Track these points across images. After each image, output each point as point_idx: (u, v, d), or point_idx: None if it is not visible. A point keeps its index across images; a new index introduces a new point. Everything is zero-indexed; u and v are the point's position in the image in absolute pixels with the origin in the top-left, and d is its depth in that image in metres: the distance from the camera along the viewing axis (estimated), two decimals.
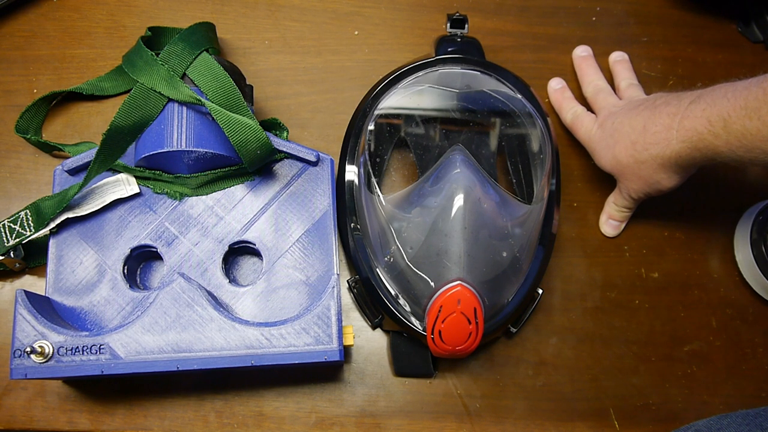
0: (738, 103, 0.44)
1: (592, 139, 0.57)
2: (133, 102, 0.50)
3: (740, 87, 0.45)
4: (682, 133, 0.48)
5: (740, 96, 0.44)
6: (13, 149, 0.58)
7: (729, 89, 0.46)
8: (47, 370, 0.46)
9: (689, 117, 0.48)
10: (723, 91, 0.46)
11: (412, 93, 0.55)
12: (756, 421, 0.44)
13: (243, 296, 0.51)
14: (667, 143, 0.49)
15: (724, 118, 0.45)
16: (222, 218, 0.53)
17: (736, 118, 0.44)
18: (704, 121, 0.46)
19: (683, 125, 0.48)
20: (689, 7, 0.68)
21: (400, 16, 0.65)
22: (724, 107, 0.45)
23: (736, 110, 0.44)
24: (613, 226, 0.60)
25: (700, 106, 0.47)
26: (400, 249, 0.49)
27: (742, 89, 0.45)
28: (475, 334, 0.47)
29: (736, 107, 0.44)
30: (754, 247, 0.58)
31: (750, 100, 0.43)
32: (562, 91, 0.62)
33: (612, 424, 0.56)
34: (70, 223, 0.51)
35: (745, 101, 0.44)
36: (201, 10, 0.63)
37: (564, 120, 0.61)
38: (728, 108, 0.45)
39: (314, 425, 0.54)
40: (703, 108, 0.47)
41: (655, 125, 0.50)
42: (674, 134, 0.49)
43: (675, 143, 0.49)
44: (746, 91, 0.44)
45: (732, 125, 0.45)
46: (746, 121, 0.44)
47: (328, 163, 0.54)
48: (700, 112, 0.47)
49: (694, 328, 0.59)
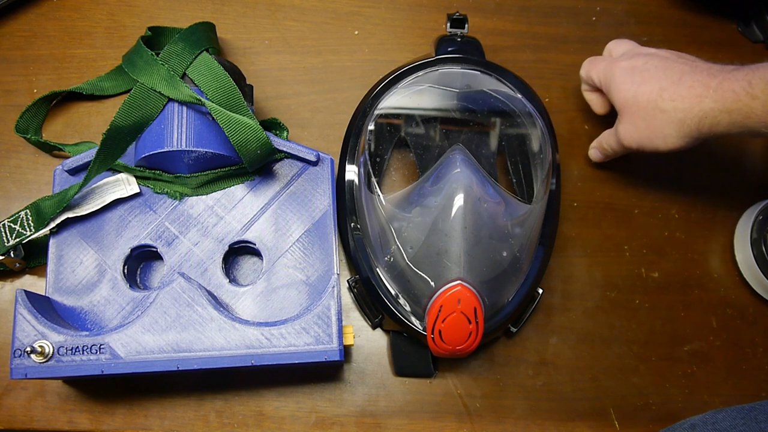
0: None
1: (614, 70, 0.54)
2: (133, 102, 0.50)
3: None
4: (719, 93, 0.48)
5: None
6: (13, 149, 0.58)
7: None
8: (47, 370, 0.46)
9: (730, 79, 0.48)
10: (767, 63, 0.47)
11: (412, 93, 0.55)
12: (751, 415, 0.44)
13: (243, 296, 0.51)
14: (699, 100, 0.49)
15: (767, 80, 0.45)
16: (222, 218, 0.53)
17: None
18: (744, 83, 0.47)
19: (722, 86, 0.48)
20: (689, 7, 0.68)
21: (400, 16, 0.65)
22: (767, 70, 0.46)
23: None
24: (598, 156, 0.60)
25: (743, 71, 0.47)
26: (400, 249, 0.49)
27: None
28: (475, 334, 0.47)
29: None
30: (754, 247, 0.58)
31: None
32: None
33: (612, 424, 0.56)
34: (70, 223, 0.51)
35: None
36: (201, 10, 0.63)
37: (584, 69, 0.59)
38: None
39: (314, 425, 0.54)
40: (746, 72, 0.47)
41: (692, 80, 0.50)
42: (710, 93, 0.48)
43: (707, 102, 0.48)
44: None
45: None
46: None
47: (328, 163, 0.54)
48: (742, 76, 0.47)
49: (694, 328, 0.59)
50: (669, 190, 0.63)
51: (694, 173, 0.63)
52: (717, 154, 0.64)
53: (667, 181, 0.63)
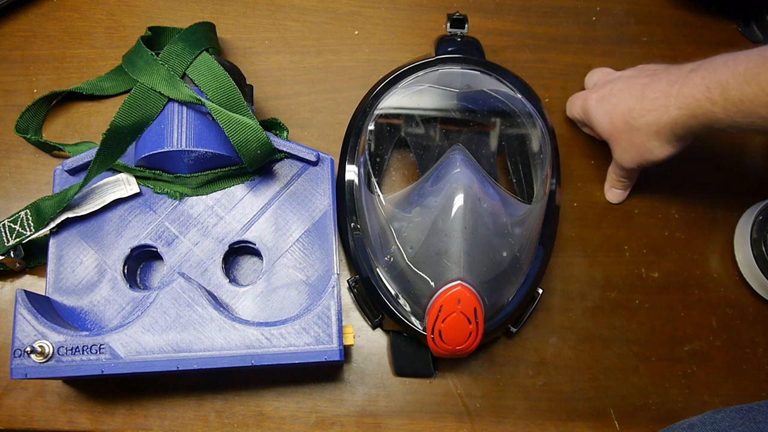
0: (738, 69, 0.45)
1: (588, 104, 0.57)
2: (133, 102, 0.50)
3: (741, 55, 0.45)
4: (680, 100, 0.48)
5: (740, 63, 0.45)
6: (13, 149, 0.58)
7: (729, 57, 0.46)
8: (47, 370, 0.46)
9: (688, 84, 0.48)
10: (723, 60, 0.46)
11: (412, 93, 0.55)
12: (749, 415, 0.44)
13: (243, 296, 0.51)
14: (665, 110, 0.50)
15: (723, 85, 0.45)
16: (222, 218, 0.53)
17: (735, 84, 0.45)
18: (703, 88, 0.47)
19: (682, 92, 0.48)
20: (689, 7, 0.68)
21: (400, 16, 0.65)
22: (723, 74, 0.45)
23: (735, 76, 0.45)
24: (615, 194, 0.61)
25: (700, 74, 0.47)
26: (400, 249, 0.49)
27: (742, 57, 0.45)
28: (475, 334, 0.47)
29: (735, 73, 0.45)
30: (754, 247, 0.58)
31: (750, 66, 0.44)
32: None
33: (612, 423, 0.56)
34: (70, 223, 0.51)
35: (745, 67, 0.44)
36: (201, 10, 0.63)
37: (567, 108, 0.62)
38: (727, 75, 0.45)
39: (314, 425, 0.54)
40: (703, 76, 0.47)
41: (653, 92, 0.51)
42: (672, 101, 0.49)
43: (672, 110, 0.49)
44: (746, 59, 0.45)
45: (730, 91, 0.45)
46: (744, 87, 0.44)
47: (328, 163, 0.54)
48: (700, 80, 0.47)
49: (694, 328, 0.59)
50: (669, 190, 0.63)
51: (694, 173, 0.63)
52: (717, 154, 0.64)
53: (667, 181, 0.63)
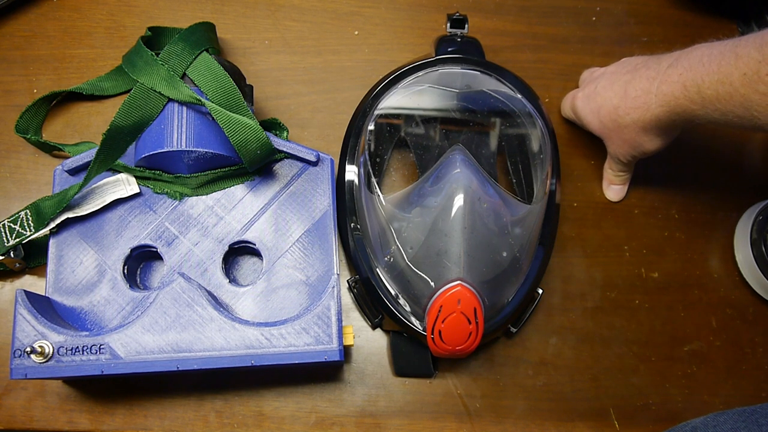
0: (711, 68, 0.45)
1: (576, 104, 0.58)
2: (133, 102, 0.50)
3: (715, 52, 0.45)
4: (660, 97, 0.49)
5: (714, 61, 0.45)
6: (13, 149, 0.58)
7: (705, 53, 0.46)
8: (47, 370, 0.46)
9: (666, 82, 0.48)
10: (699, 55, 0.46)
11: (412, 93, 0.55)
12: (752, 418, 0.44)
13: (243, 296, 0.51)
14: (647, 108, 0.50)
15: (698, 84, 0.46)
16: (222, 218, 0.53)
17: (709, 83, 0.45)
18: (680, 87, 0.47)
19: (661, 90, 0.49)
20: (689, 7, 0.68)
21: (400, 16, 0.65)
22: (698, 73, 0.46)
23: (709, 75, 0.45)
24: (615, 191, 0.61)
25: (677, 70, 0.48)
26: (400, 249, 0.49)
27: (716, 54, 0.45)
28: (475, 334, 0.47)
29: (709, 72, 0.45)
30: (754, 247, 0.58)
31: (723, 66, 0.44)
32: None
33: (612, 424, 0.56)
34: (70, 223, 0.51)
35: (718, 67, 0.44)
36: (201, 10, 0.63)
37: (561, 108, 0.63)
38: (702, 74, 0.45)
39: (314, 425, 0.54)
40: (680, 73, 0.47)
41: (635, 90, 0.51)
42: (653, 99, 0.49)
43: (654, 107, 0.49)
44: (720, 57, 0.44)
45: (706, 90, 0.45)
46: (718, 87, 0.44)
47: (328, 163, 0.54)
48: (677, 77, 0.47)
49: (694, 328, 0.59)
50: (669, 190, 0.63)
51: (694, 173, 0.64)
52: (717, 154, 0.64)
53: (667, 181, 0.63)
